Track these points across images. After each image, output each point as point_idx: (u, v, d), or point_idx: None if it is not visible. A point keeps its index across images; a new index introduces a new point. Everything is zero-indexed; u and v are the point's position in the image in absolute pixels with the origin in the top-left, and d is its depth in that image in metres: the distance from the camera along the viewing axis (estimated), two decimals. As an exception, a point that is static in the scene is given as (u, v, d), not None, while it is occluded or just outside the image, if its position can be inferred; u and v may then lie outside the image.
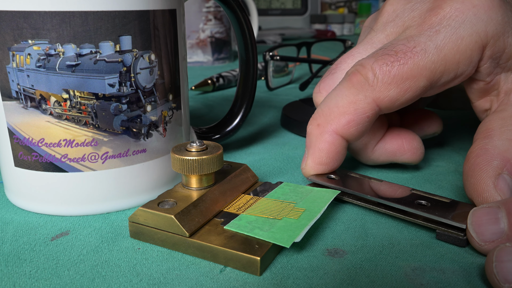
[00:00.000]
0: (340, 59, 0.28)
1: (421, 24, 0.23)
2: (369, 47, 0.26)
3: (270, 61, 0.52)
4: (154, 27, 0.22)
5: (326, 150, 0.24)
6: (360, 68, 0.23)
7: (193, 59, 0.75)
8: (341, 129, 0.23)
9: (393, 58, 0.22)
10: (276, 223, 0.20)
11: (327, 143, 0.24)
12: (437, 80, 0.22)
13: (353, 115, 0.23)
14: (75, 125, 0.21)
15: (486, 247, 0.18)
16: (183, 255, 0.19)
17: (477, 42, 0.22)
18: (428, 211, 0.21)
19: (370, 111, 0.23)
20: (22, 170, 0.22)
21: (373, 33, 0.26)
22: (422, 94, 0.23)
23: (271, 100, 0.49)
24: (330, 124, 0.24)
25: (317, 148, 0.24)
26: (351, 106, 0.23)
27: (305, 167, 0.25)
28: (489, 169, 0.20)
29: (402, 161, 0.27)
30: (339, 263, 0.19)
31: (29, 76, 0.21)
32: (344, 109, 0.23)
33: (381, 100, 0.23)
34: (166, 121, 0.24)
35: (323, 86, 0.27)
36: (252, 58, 0.30)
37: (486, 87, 0.24)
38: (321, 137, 0.24)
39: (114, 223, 0.22)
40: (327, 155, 0.24)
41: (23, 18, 0.20)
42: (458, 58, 0.22)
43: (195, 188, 0.22)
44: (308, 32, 1.20)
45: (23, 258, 0.19)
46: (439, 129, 0.30)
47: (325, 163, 0.24)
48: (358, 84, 0.23)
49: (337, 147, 0.24)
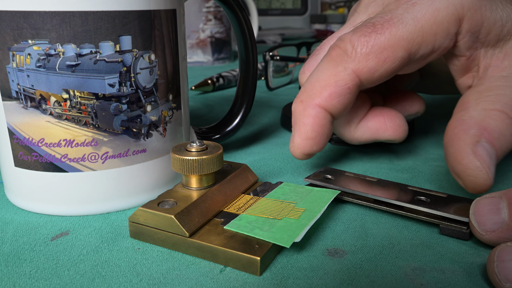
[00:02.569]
0: (325, 41, 0.28)
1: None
2: (352, 27, 0.26)
3: (270, 61, 0.52)
4: (154, 27, 0.22)
5: (311, 124, 0.24)
6: (339, 42, 0.24)
7: (193, 59, 0.75)
8: (324, 102, 0.24)
9: (370, 29, 0.23)
10: (276, 223, 0.20)
11: (311, 117, 0.24)
12: (415, 51, 0.23)
13: (334, 87, 0.23)
14: (75, 125, 0.21)
15: (488, 236, 0.19)
16: (183, 255, 0.19)
17: (454, 14, 0.22)
18: (430, 206, 0.21)
19: (351, 81, 0.23)
20: (22, 170, 0.22)
21: (356, 14, 0.27)
22: (401, 66, 0.23)
23: (271, 100, 0.49)
24: (313, 99, 0.24)
25: (302, 123, 0.24)
26: (331, 79, 0.24)
27: (292, 145, 0.25)
28: (467, 137, 0.21)
29: (385, 139, 0.27)
30: (339, 263, 0.19)
31: (29, 76, 0.21)
32: (325, 82, 0.24)
33: (361, 70, 0.23)
34: (166, 121, 0.24)
35: (307, 67, 0.28)
36: (252, 58, 0.30)
37: (467, 63, 0.24)
38: (304, 112, 0.24)
39: (114, 223, 0.22)
40: (312, 128, 0.24)
41: (23, 18, 0.20)
42: (435, 29, 0.22)
43: (195, 188, 0.22)
44: (308, 32, 1.20)
45: (23, 258, 0.19)
46: (421, 108, 0.30)
47: (311, 137, 0.24)
48: (337, 57, 0.23)
49: (321, 120, 0.24)
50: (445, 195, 0.22)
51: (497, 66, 0.23)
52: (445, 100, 0.47)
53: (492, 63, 0.23)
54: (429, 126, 0.38)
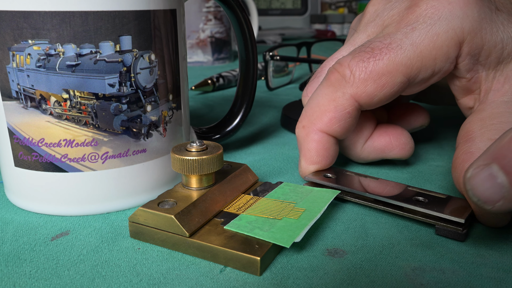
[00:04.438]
0: (325, 62, 0.29)
1: (399, 22, 0.24)
2: (352, 48, 0.26)
3: (270, 61, 0.52)
4: (154, 27, 0.22)
5: (314, 149, 0.25)
6: (337, 66, 0.24)
7: (193, 59, 0.75)
8: (325, 126, 0.24)
9: (369, 54, 0.23)
10: (276, 223, 0.20)
11: (314, 142, 0.25)
12: (414, 76, 0.23)
13: (334, 112, 0.24)
14: (75, 125, 0.21)
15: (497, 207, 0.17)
16: (183, 255, 0.19)
17: (453, 38, 0.22)
18: (427, 207, 0.21)
19: (350, 106, 0.24)
20: (22, 170, 0.22)
21: (355, 34, 0.27)
22: (401, 90, 0.23)
23: (271, 100, 0.49)
24: (314, 124, 0.24)
25: (306, 149, 0.25)
26: (331, 104, 0.24)
27: (300, 170, 0.26)
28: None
29: (392, 157, 0.27)
30: (339, 263, 0.19)
31: (29, 76, 0.21)
32: (325, 107, 0.24)
33: (359, 96, 0.23)
34: (166, 121, 0.24)
35: (310, 89, 0.28)
36: (252, 58, 0.30)
37: (468, 85, 0.24)
38: (307, 137, 0.25)
39: (114, 223, 0.22)
40: (317, 153, 0.25)
41: (23, 18, 0.20)
42: (434, 54, 0.22)
43: (195, 188, 0.22)
44: (308, 32, 1.20)
45: (23, 258, 0.19)
46: (425, 121, 0.30)
47: (317, 161, 0.25)
48: (336, 82, 0.24)
49: (324, 145, 0.25)
50: (445, 196, 0.22)
51: (498, 90, 0.23)
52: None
53: (493, 87, 0.23)
54: (430, 127, 0.38)
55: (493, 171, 0.17)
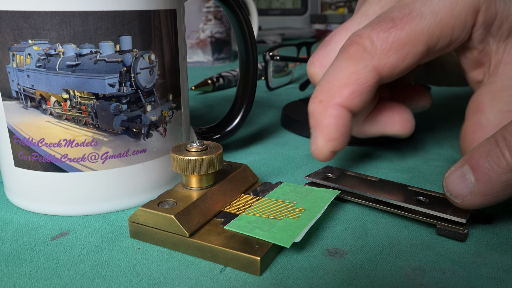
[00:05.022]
0: (334, 31, 0.27)
1: None
2: (364, 19, 0.26)
3: (270, 61, 0.52)
4: (154, 27, 0.22)
5: (334, 124, 0.23)
6: (356, 39, 0.23)
7: (193, 59, 0.75)
8: (345, 101, 0.23)
9: (390, 24, 0.22)
10: (276, 223, 0.20)
11: (334, 117, 0.23)
12: (434, 45, 0.23)
13: (355, 85, 0.23)
14: (75, 125, 0.21)
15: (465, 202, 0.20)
16: (183, 255, 0.19)
17: (471, 6, 0.22)
18: (428, 207, 0.21)
19: (372, 79, 0.23)
20: (22, 170, 0.22)
21: (367, 5, 0.26)
22: (420, 60, 0.23)
23: (271, 100, 0.49)
24: (333, 98, 0.23)
25: (324, 125, 0.23)
26: (352, 77, 0.23)
27: (316, 147, 0.24)
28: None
29: (393, 133, 0.27)
30: (339, 263, 0.19)
31: (29, 76, 0.21)
32: (345, 81, 0.23)
33: (382, 67, 0.23)
34: (166, 121, 0.24)
35: (316, 57, 0.27)
36: (252, 58, 0.30)
37: (479, 57, 0.24)
38: (326, 112, 0.23)
39: (114, 223, 0.22)
40: (336, 129, 0.23)
41: (23, 18, 0.20)
42: (453, 22, 0.22)
43: (195, 188, 0.22)
44: (308, 32, 1.20)
45: (23, 258, 0.19)
46: (428, 103, 0.30)
47: (336, 138, 0.23)
48: (356, 54, 0.23)
49: (344, 120, 0.23)
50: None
51: (508, 62, 0.23)
52: (445, 100, 0.47)
53: (503, 60, 0.23)
54: (430, 126, 0.38)
55: (464, 170, 0.20)
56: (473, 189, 0.19)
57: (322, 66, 0.26)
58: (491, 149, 0.19)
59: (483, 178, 0.19)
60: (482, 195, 0.19)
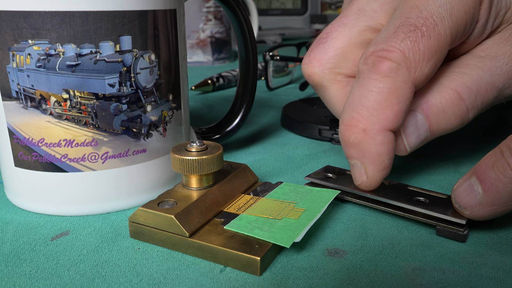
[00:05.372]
0: (330, 28, 0.26)
1: None
2: (362, 16, 0.25)
3: (270, 61, 0.52)
4: (154, 27, 0.22)
5: (385, 152, 0.22)
6: (385, 54, 0.21)
7: (193, 59, 0.75)
8: (391, 123, 0.21)
9: (416, 33, 0.21)
10: (276, 223, 0.20)
11: (384, 144, 0.21)
12: (452, 45, 0.22)
13: (398, 105, 0.21)
14: (75, 125, 0.21)
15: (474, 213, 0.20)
16: (183, 255, 0.19)
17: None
18: (427, 207, 0.21)
19: (411, 93, 0.21)
20: (22, 170, 0.22)
21: (363, 1, 0.25)
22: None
23: (271, 100, 0.49)
24: (377, 124, 0.21)
25: (375, 154, 0.22)
26: (392, 97, 0.21)
27: (367, 179, 0.22)
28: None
29: None
30: (339, 263, 0.19)
31: (29, 76, 0.21)
32: (386, 103, 0.21)
33: (418, 79, 0.21)
34: (166, 121, 0.24)
35: (313, 56, 0.26)
36: (252, 58, 0.30)
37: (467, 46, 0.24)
38: (373, 141, 0.21)
39: (114, 223, 0.22)
40: (388, 156, 0.22)
41: (23, 18, 0.20)
42: (465, 18, 0.22)
43: (195, 188, 0.22)
44: (308, 32, 1.20)
45: (23, 258, 0.19)
46: None
47: (388, 165, 0.22)
48: (391, 71, 0.21)
49: (393, 144, 0.22)
50: (445, 196, 0.22)
51: (481, 45, 0.23)
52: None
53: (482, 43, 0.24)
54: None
55: (471, 182, 0.20)
56: (481, 200, 0.19)
57: (321, 65, 0.25)
58: (497, 159, 0.19)
59: (490, 189, 0.19)
60: (490, 206, 0.19)
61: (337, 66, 0.25)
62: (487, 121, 0.38)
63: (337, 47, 0.25)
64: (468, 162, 0.29)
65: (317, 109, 0.39)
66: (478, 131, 0.36)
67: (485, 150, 0.31)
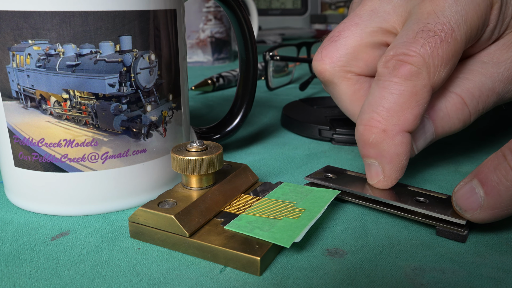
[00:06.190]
0: (342, 26, 0.26)
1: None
2: (375, 17, 0.25)
3: (270, 61, 0.52)
4: (154, 27, 0.22)
5: (404, 152, 0.22)
6: (406, 58, 0.22)
7: (193, 59, 0.75)
8: (410, 125, 0.22)
9: (435, 39, 0.22)
10: (276, 223, 0.20)
11: (403, 144, 0.22)
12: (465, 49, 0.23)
13: (417, 108, 0.22)
14: (75, 125, 0.21)
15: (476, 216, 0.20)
16: (183, 255, 0.19)
17: (488, 5, 0.22)
18: (427, 208, 0.21)
19: (429, 97, 0.22)
20: (22, 170, 0.22)
21: (376, 2, 0.26)
22: None
23: (271, 100, 0.49)
24: (397, 125, 0.22)
25: (394, 154, 0.22)
26: (412, 99, 0.22)
27: (384, 179, 0.23)
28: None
29: None
30: (339, 263, 0.19)
31: (29, 76, 0.21)
32: (406, 105, 0.22)
33: (436, 83, 0.22)
34: (166, 121, 0.24)
35: (325, 53, 0.26)
36: (252, 58, 0.30)
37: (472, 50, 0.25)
38: (393, 141, 0.22)
39: (114, 223, 0.22)
40: (406, 156, 0.23)
41: (23, 18, 0.20)
42: (478, 23, 0.22)
43: (195, 188, 0.22)
44: (308, 32, 1.20)
45: (23, 258, 0.19)
46: None
47: (405, 165, 0.23)
48: (412, 75, 0.22)
49: (409, 145, 0.23)
50: (445, 196, 0.22)
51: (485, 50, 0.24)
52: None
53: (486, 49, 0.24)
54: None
55: (473, 184, 0.20)
56: (482, 203, 0.19)
57: (332, 63, 0.26)
58: (499, 162, 0.19)
59: (492, 192, 0.19)
60: (492, 209, 0.19)
61: (347, 64, 0.26)
62: (487, 121, 0.38)
63: (349, 46, 0.26)
64: (468, 162, 0.29)
65: (317, 109, 0.39)
66: (479, 131, 0.36)
67: (485, 150, 0.31)
